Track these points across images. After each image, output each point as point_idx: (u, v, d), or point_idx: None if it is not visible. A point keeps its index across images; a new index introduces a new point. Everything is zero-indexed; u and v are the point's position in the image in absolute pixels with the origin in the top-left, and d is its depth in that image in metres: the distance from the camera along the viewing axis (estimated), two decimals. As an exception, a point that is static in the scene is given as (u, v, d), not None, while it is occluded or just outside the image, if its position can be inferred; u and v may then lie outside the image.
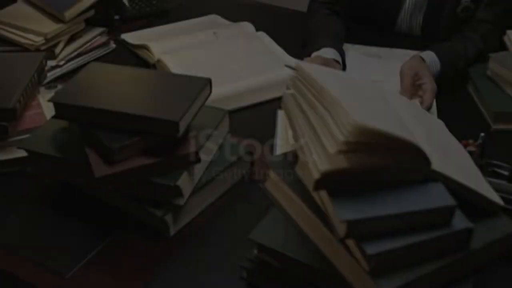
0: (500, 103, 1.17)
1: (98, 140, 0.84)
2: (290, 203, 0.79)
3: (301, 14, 1.76)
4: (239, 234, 0.89)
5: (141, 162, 0.83)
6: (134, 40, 1.43)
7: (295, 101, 0.76)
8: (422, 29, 1.51)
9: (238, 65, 1.29)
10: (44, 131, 0.95)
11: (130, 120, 0.83)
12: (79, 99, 0.86)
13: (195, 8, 1.73)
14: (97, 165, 0.82)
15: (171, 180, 0.84)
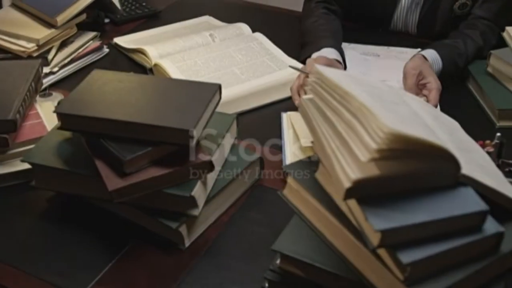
0: (503, 101, 1.16)
1: (108, 151, 0.81)
2: (312, 210, 0.77)
3: (294, 14, 1.74)
4: (255, 243, 0.87)
5: (154, 173, 0.80)
6: (128, 44, 1.40)
7: (315, 107, 0.74)
8: (418, 26, 1.50)
9: (238, 68, 1.26)
10: (47, 143, 0.91)
11: (141, 130, 0.81)
12: (85, 109, 0.83)
13: (185, 9, 1.70)
14: (109, 178, 0.79)
15: (185, 190, 0.82)
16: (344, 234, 0.72)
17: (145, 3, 1.64)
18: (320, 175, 0.76)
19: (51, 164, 0.87)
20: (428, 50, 1.24)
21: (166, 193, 0.82)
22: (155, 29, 1.49)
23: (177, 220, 0.83)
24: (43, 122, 1.02)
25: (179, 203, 0.83)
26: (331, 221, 0.73)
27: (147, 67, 1.30)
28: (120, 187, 0.78)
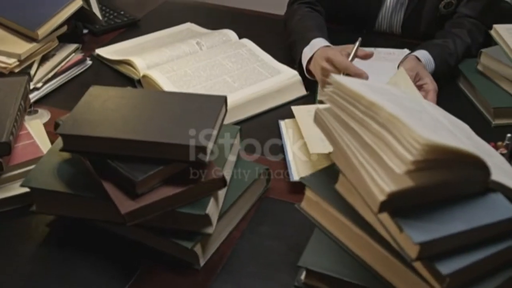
0: (498, 99, 1.17)
1: (116, 172, 0.77)
2: (333, 222, 0.75)
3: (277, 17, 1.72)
4: (270, 258, 0.85)
5: (167, 193, 0.77)
6: (112, 55, 1.35)
7: (334, 117, 0.72)
8: (402, 26, 1.51)
9: (230, 76, 1.24)
10: (46, 165, 0.87)
11: (152, 148, 0.77)
12: (90, 129, 0.79)
13: (164, 16, 1.67)
14: (121, 201, 0.76)
15: (199, 208, 0.79)
16: (370, 245, 0.70)
17: (123, 12, 1.59)
18: (340, 186, 0.75)
19: (53, 188, 0.83)
20: (420, 51, 1.24)
21: (180, 212, 0.79)
22: (137, 39, 1.45)
23: (191, 239, 0.80)
24: (36, 142, 0.97)
25: (193, 222, 0.80)
26: (356, 233, 0.72)
27: (135, 79, 1.26)
28: (133, 209, 0.75)
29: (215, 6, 1.76)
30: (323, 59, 1.17)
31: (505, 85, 1.20)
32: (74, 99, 1.23)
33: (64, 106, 1.21)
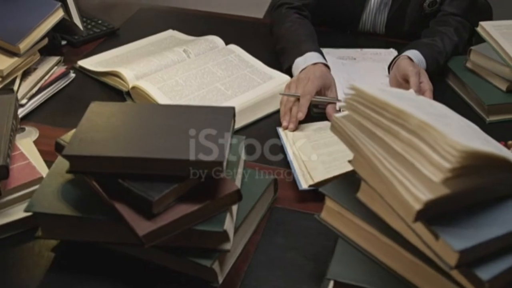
0: (490, 96, 1.19)
1: (129, 192, 0.74)
2: (358, 231, 0.74)
3: (258, 21, 1.71)
4: (288, 270, 0.83)
5: (184, 211, 0.74)
6: (96, 67, 1.31)
7: (356, 125, 0.71)
8: (386, 26, 1.51)
9: (221, 84, 1.21)
10: (48, 188, 0.83)
11: (165, 166, 0.74)
12: (98, 149, 0.76)
13: (143, 24, 1.63)
14: (137, 222, 0.73)
15: (217, 225, 0.76)
16: (399, 253, 0.69)
17: (100, 21, 1.54)
18: (363, 195, 0.73)
19: (59, 212, 0.79)
20: (411, 51, 1.24)
21: (197, 230, 0.76)
22: (119, 49, 1.41)
23: (209, 257, 0.77)
24: (31, 163, 0.93)
25: (210, 239, 0.77)
26: (383, 241, 0.71)
27: (124, 91, 1.22)
28: (151, 230, 0.72)
29: (192, 11, 1.73)
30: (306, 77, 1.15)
31: (496, 82, 1.21)
32: (61, 114, 1.20)
33: (52, 122, 1.16)
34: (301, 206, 0.95)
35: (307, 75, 1.14)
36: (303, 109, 1.09)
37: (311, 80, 1.12)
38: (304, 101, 1.09)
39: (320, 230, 0.90)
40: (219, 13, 1.73)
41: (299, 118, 1.09)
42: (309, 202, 0.96)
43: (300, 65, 1.22)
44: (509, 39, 1.20)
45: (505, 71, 1.18)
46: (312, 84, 1.11)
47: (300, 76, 1.15)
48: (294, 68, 1.24)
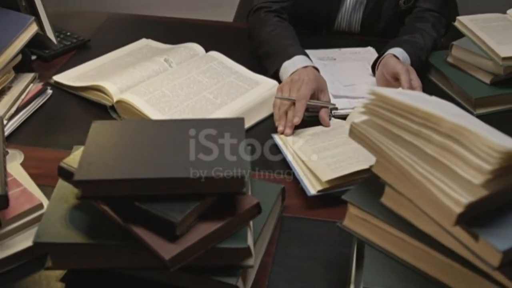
0: (476, 89, 1.21)
1: (148, 215, 0.71)
2: (385, 237, 0.73)
3: (226, 24, 1.69)
4: (309, 280, 0.82)
5: (208, 230, 0.72)
6: (74, 82, 1.25)
7: (381, 131, 0.70)
8: (362, 25, 1.52)
9: (209, 92, 1.19)
10: (53, 215, 0.78)
11: (186, 185, 0.71)
12: (111, 172, 0.72)
13: (114, 34, 1.58)
14: (160, 245, 0.69)
15: (241, 241, 0.74)
16: (431, 256, 0.69)
17: (69, 33, 1.48)
18: (387, 199, 0.73)
19: (70, 240, 0.74)
20: (395, 49, 1.25)
21: (220, 248, 0.73)
22: (94, 61, 1.35)
23: (233, 274, 0.75)
24: (26, 189, 0.88)
25: (233, 256, 0.75)
26: (413, 245, 0.70)
27: (107, 105, 1.18)
28: (177, 253, 0.69)
29: (160, 19, 1.69)
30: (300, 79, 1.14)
31: (479, 75, 1.24)
32: (43, 133, 1.14)
33: (34, 143, 1.11)
34: (310, 214, 0.94)
35: (301, 78, 1.13)
36: (299, 114, 1.07)
37: (305, 83, 1.11)
38: (300, 105, 1.08)
39: (333, 236, 0.90)
40: (188, 19, 1.70)
41: (295, 123, 1.07)
42: (318, 208, 0.95)
43: (289, 69, 1.20)
44: (488, 33, 1.23)
45: (488, 64, 1.21)
46: (307, 87, 1.10)
47: (293, 79, 1.14)
48: (282, 72, 1.23)
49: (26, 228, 0.84)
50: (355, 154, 0.98)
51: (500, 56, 1.15)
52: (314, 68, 1.19)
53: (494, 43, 1.18)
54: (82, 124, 1.16)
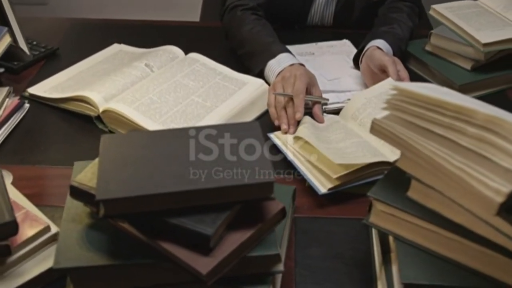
0: (458, 76, 1.24)
1: (177, 229, 0.68)
2: (415, 231, 0.73)
3: (195, 25, 1.66)
4: (334, 279, 0.82)
5: (240, 239, 0.70)
6: (51, 93, 1.19)
7: (407, 126, 0.70)
8: (334, 18, 1.52)
9: (197, 96, 1.16)
10: (68, 238, 0.74)
11: (215, 195, 0.69)
12: (135, 188, 0.68)
13: (82, 41, 1.52)
14: (195, 260, 0.67)
15: (272, 248, 0.72)
16: (465, 246, 0.70)
17: (36, 42, 1.41)
18: (414, 193, 0.73)
19: (92, 263, 0.71)
20: (377, 41, 1.26)
21: (251, 256, 0.72)
22: (68, 70, 1.30)
23: (265, 282, 0.73)
24: (29, 211, 0.83)
25: (264, 263, 0.73)
26: (446, 236, 0.71)
27: (92, 116, 1.13)
28: (214, 266, 0.67)
29: (125, 22, 1.64)
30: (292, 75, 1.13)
31: (459, 62, 1.27)
32: (27, 151, 1.08)
33: (20, 161, 1.05)
34: (321, 212, 0.94)
35: (292, 74, 1.12)
36: (300, 109, 1.06)
37: (298, 78, 1.10)
38: (299, 100, 1.07)
39: (349, 234, 0.90)
40: (156, 21, 1.66)
41: (298, 118, 1.06)
42: (328, 206, 0.95)
43: (275, 68, 1.19)
44: (465, 20, 1.25)
45: (468, 50, 1.23)
46: (301, 82, 1.09)
47: (285, 76, 1.13)
48: (268, 72, 1.21)
49: (36, 253, 0.80)
50: (359, 148, 0.99)
51: (481, 42, 1.18)
52: (301, 64, 1.19)
53: (473, 30, 1.21)
54: (67, 137, 1.11)
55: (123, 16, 1.75)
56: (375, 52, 1.20)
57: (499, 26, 1.25)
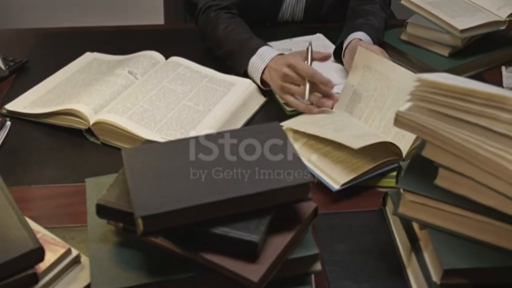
0: (437, 63, 1.28)
1: (223, 239, 0.67)
2: (447, 217, 0.75)
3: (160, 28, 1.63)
4: (367, 273, 0.82)
5: (282, 243, 0.69)
6: (33, 109, 1.14)
7: (435, 116, 0.72)
8: (305, 13, 1.53)
9: (188, 100, 1.14)
10: (100, 260, 0.72)
11: (257, 200, 0.68)
12: (176, 201, 0.66)
13: (47, 51, 1.45)
14: (244, 268, 0.66)
15: (311, 248, 0.73)
16: (497, 227, 0.73)
17: (3, 56, 1.34)
18: (443, 181, 0.75)
19: (133, 283, 0.68)
20: (358, 33, 1.27)
21: (293, 258, 0.71)
22: (44, 83, 1.24)
23: (304, 282, 0.74)
24: (46, 235, 0.79)
25: (303, 264, 0.74)
26: (477, 220, 0.74)
27: (83, 129, 1.08)
28: (264, 273, 0.66)
29: (93, 29, 1.58)
30: (285, 66, 1.13)
31: (436, 49, 1.30)
32: (19, 171, 1.04)
33: (14, 182, 0.99)
34: (336, 208, 0.94)
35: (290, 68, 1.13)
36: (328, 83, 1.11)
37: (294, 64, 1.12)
38: (317, 77, 1.11)
39: (368, 226, 0.91)
40: (123, 26, 1.61)
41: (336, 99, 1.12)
42: (341, 201, 0.95)
43: (259, 65, 1.19)
44: (438, 8, 1.29)
45: (445, 37, 1.27)
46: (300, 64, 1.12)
47: (283, 73, 1.12)
48: (252, 70, 1.20)
49: (60, 278, 0.76)
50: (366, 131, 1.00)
51: (458, 29, 1.22)
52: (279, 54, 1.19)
53: (448, 17, 1.25)
54: (57, 154, 1.07)
55: (75, 23, 1.69)
56: (359, 44, 1.22)
57: (471, 12, 1.29)
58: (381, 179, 0.98)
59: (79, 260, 0.79)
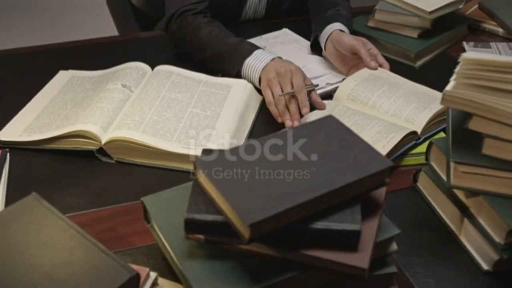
0: (410, 44, 1.36)
1: (325, 233, 0.69)
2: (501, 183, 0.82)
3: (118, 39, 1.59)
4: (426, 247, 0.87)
5: (374, 228, 0.73)
6: (29, 136, 1.07)
7: (481, 90, 0.78)
8: (267, 10, 1.56)
9: (193, 107, 1.13)
10: (199, 278, 0.71)
11: (349, 190, 0.71)
12: (279, 203, 0.67)
13: (19, 73, 1.37)
14: (351, 258, 0.69)
15: (391, 229, 0.77)
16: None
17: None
18: (489, 149, 0.82)
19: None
20: (335, 24, 1.32)
21: (380, 241, 0.75)
22: (29, 108, 1.17)
23: (388, 263, 0.78)
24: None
25: (386, 245, 0.77)
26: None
27: (94, 150, 1.04)
28: (369, 258, 0.69)
29: (55, 46, 1.50)
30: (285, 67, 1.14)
31: (405, 32, 1.39)
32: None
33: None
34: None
35: (287, 69, 1.14)
36: (306, 104, 1.09)
37: (295, 74, 1.13)
38: (302, 96, 1.10)
39: (404, 204, 0.97)
40: (79, 41, 1.54)
41: (305, 113, 1.09)
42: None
43: (257, 65, 1.20)
44: (402, -8, 1.38)
45: (414, 20, 1.37)
46: (299, 77, 1.12)
47: (279, 71, 1.14)
48: (248, 70, 1.21)
49: (146, 302, 0.74)
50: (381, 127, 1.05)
51: (427, 11, 1.32)
52: (279, 57, 1.21)
53: (415, 1, 1.34)
54: (73, 179, 1.02)
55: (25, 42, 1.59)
56: (342, 36, 1.27)
57: (432, -5, 1.39)
58: (402, 159, 1.04)
59: (156, 282, 0.77)
